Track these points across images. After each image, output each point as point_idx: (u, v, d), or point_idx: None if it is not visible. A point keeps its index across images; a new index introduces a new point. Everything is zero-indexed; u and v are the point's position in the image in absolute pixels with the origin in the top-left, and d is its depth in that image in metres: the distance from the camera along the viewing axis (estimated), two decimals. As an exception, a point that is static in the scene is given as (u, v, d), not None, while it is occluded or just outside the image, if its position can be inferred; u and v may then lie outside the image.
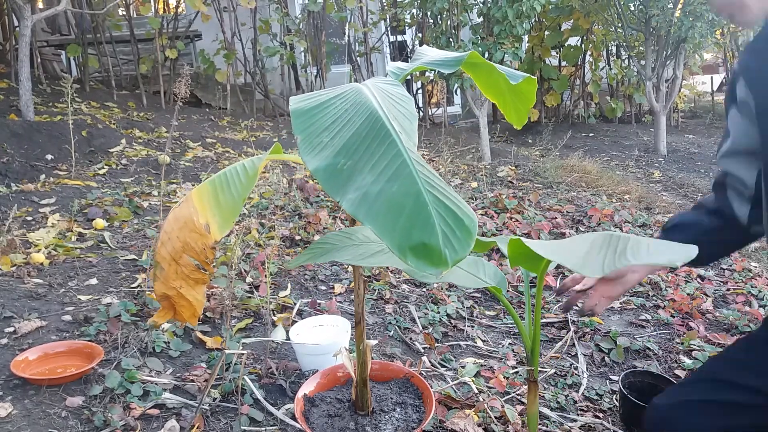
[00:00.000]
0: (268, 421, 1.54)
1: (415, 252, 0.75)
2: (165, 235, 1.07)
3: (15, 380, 1.58)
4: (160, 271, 1.08)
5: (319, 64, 6.81)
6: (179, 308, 1.12)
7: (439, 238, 0.75)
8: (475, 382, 1.76)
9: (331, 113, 0.93)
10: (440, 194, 0.80)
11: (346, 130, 0.88)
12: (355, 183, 0.80)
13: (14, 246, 2.34)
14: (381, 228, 0.76)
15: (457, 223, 0.78)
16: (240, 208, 1.04)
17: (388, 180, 0.80)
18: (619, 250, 0.83)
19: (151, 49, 6.52)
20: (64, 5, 4.54)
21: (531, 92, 1.30)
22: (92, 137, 4.23)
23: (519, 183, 4.46)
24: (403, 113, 0.93)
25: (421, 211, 0.77)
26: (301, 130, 0.89)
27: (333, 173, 0.82)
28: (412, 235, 0.76)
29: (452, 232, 0.77)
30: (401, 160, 0.82)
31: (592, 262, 0.82)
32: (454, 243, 0.76)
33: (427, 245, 0.75)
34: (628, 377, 1.71)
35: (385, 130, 0.87)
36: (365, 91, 0.99)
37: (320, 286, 2.43)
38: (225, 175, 1.09)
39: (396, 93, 0.98)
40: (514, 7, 4.85)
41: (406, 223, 0.77)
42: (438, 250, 0.75)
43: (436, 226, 0.76)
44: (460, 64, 1.14)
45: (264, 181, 3.72)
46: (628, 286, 1.24)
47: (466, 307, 2.43)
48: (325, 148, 0.85)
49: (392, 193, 0.78)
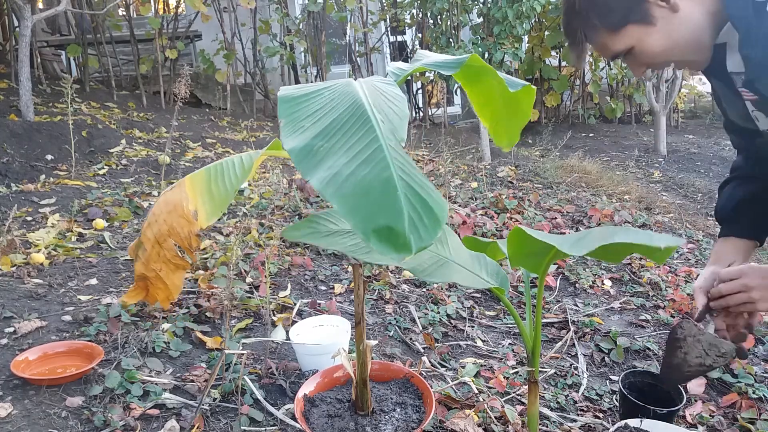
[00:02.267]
0: (268, 422, 1.54)
1: (378, 235, 0.75)
2: (153, 216, 1.07)
3: (15, 380, 1.58)
4: (142, 251, 1.08)
5: (319, 64, 6.81)
6: (154, 290, 1.12)
7: (405, 223, 0.75)
8: (475, 382, 1.76)
9: (318, 102, 0.94)
10: (412, 181, 0.80)
11: (328, 117, 0.89)
12: (328, 163, 0.80)
13: (14, 246, 2.34)
14: (346, 208, 0.76)
15: (426, 210, 0.77)
16: (231, 199, 1.04)
17: (361, 162, 0.80)
18: (609, 233, 0.89)
19: (151, 49, 6.52)
20: (64, 5, 4.54)
21: (528, 105, 1.25)
22: (92, 137, 4.23)
23: (519, 183, 4.46)
24: (394, 111, 0.93)
25: (389, 195, 0.77)
26: (285, 115, 0.90)
27: (308, 153, 0.82)
28: (378, 218, 0.76)
29: (420, 218, 0.76)
30: (377, 145, 0.82)
31: (583, 244, 0.86)
32: (420, 230, 0.75)
33: (392, 229, 0.75)
34: (628, 377, 1.71)
35: (365, 116, 0.87)
36: (355, 84, 1.00)
37: (320, 286, 2.43)
38: (221, 166, 1.09)
39: (390, 91, 0.98)
40: (514, 7, 4.85)
41: (373, 206, 0.76)
42: (403, 235, 0.74)
43: (404, 210, 0.76)
44: (461, 66, 1.13)
45: (264, 181, 3.72)
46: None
47: (466, 307, 2.43)
48: (306, 131, 0.86)
49: (363, 175, 0.78)
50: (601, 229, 0.96)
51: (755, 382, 1.91)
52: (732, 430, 1.70)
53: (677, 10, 0.98)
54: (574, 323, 2.35)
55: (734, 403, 1.81)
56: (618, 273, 2.89)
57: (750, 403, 1.79)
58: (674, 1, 0.98)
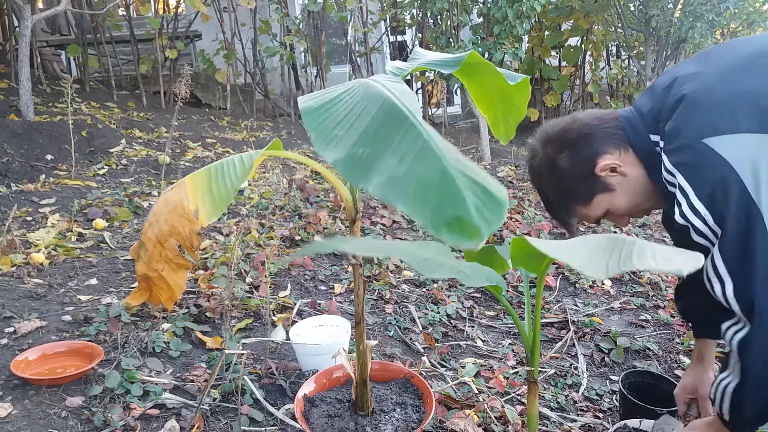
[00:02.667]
0: (268, 422, 1.54)
1: (449, 227, 0.75)
2: (153, 216, 1.07)
3: (15, 380, 1.58)
4: (144, 251, 1.08)
5: (319, 64, 6.81)
6: (157, 291, 1.12)
7: (472, 211, 0.75)
8: (475, 382, 1.76)
9: (341, 108, 0.93)
10: (467, 169, 0.80)
11: (361, 121, 0.88)
12: (379, 168, 0.80)
13: (14, 246, 2.34)
14: (412, 206, 0.76)
15: (487, 195, 0.78)
16: (231, 198, 1.04)
17: (412, 160, 0.80)
18: (624, 254, 0.82)
19: (151, 49, 6.52)
20: (64, 5, 4.54)
21: (523, 103, 1.32)
22: (92, 137, 4.23)
23: (519, 183, 4.46)
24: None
25: (450, 187, 0.77)
26: (313, 127, 0.89)
27: (354, 162, 0.82)
28: (445, 211, 0.76)
29: (483, 204, 0.77)
30: (422, 141, 0.82)
31: (596, 263, 0.81)
32: (486, 215, 0.76)
33: (460, 219, 0.75)
34: (628, 377, 1.71)
35: (402, 114, 0.87)
36: (374, 84, 0.99)
37: (320, 286, 2.43)
38: (221, 165, 1.09)
39: (398, 88, 0.98)
40: (514, 7, 4.85)
41: (436, 200, 0.77)
42: (472, 223, 0.75)
43: (467, 199, 0.76)
44: (460, 64, 1.14)
45: (264, 181, 3.72)
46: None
47: (466, 307, 2.43)
48: (342, 140, 0.86)
49: (418, 172, 0.78)
50: (610, 241, 0.89)
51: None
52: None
53: (626, 175, 1.19)
54: (574, 323, 2.35)
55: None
56: (618, 273, 2.88)
57: (750, 403, 1.79)
58: (621, 169, 1.19)
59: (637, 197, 1.22)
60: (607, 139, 1.20)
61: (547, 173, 1.26)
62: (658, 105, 1.14)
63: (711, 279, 1.04)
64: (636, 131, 1.18)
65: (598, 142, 1.20)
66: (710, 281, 1.05)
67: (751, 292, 0.99)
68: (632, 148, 1.19)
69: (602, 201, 1.23)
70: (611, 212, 1.26)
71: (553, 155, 1.24)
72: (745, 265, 0.98)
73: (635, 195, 1.22)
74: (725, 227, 1.00)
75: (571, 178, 1.23)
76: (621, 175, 1.19)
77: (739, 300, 1.01)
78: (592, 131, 1.21)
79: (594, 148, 1.20)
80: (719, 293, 1.03)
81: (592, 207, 1.24)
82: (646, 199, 1.22)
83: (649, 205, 1.25)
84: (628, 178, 1.19)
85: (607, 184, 1.21)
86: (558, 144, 1.24)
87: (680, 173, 1.04)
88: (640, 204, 1.24)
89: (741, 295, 1.00)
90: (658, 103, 1.14)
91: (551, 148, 1.25)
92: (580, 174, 1.21)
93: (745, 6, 6.14)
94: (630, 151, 1.19)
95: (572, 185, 1.24)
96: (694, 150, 1.02)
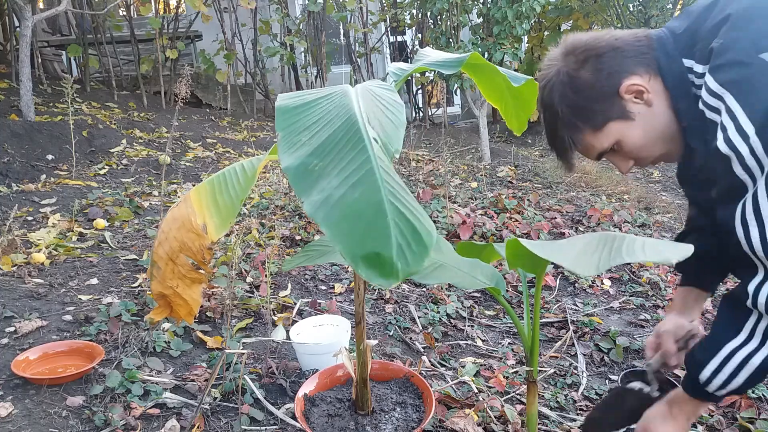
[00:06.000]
0: (268, 421, 1.55)
1: (366, 261, 0.74)
2: (162, 234, 1.07)
3: (16, 380, 1.59)
4: (157, 270, 1.09)
5: (319, 64, 6.82)
6: (176, 307, 1.13)
7: (393, 250, 0.73)
8: (475, 382, 1.77)
9: (315, 113, 0.92)
10: (402, 206, 0.78)
11: (325, 131, 0.87)
12: (320, 185, 0.79)
13: (15, 246, 2.35)
14: (335, 232, 0.75)
15: (415, 236, 0.76)
16: (238, 209, 1.04)
17: (352, 185, 0.78)
18: (615, 248, 0.82)
19: (151, 49, 6.52)
20: (64, 5, 4.54)
21: (532, 98, 1.27)
22: (93, 137, 4.24)
23: (519, 183, 4.47)
24: (390, 119, 0.91)
25: (379, 221, 0.75)
26: (282, 128, 0.88)
27: (303, 173, 0.80)
28: (366, 244, 0.74)
29: (408, 245, 0.75)
30: (368, 167, 0.80)
31: (585, 261, 0.82)
32: (408, 256, 0.74)
33: (380, 255, 0.74)
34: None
35: (359, 135, 0.85)
36: (351, 94, 0.97)
37: (320, 286, 2.43)
38: (224, 176, 1.09)
39: (388, 98, 0.97)
40: (513, 7, 4.85)
41: (361, 231, 0.75)
42: (391, 262, 0.73)
43: (392, 237, 0.74)
44: (462, 65, 1.14)
45: (264, 181, 3.72)
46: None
47: (466, 306, 2.43)
48: (303, 146, 0.84)
49: (353, 199, 0.77)
50: (602, 238, 0.90)
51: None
52: (731, 429, 1.70)
53: (651, 105, 1.05)
54: (573, 323, 2.35)
55: (733, 403, 1.81)
56: (617, 273, 2.89)
57: (749, 402, 1.80)
58: (647, 96, 1.05)
59: (654, 134, 1.08)
60: (639, 57, 1.05)
61: (563, 86, 1.10)
62: (694, 25, 1.01)
63: (748, 221, 0.91)
64: (668, 54, 1.03)
65: (628, 59, 1.05)
66: (746, 224, 0.91)
67: None
68: (661, 75, 1.04)
69: (615, 129, 1.08)
70: (619, 147, 1.11)
71: (576, 66, 1.08)
72: None
73: (653, 131, 1.07)
74: None
75: (590, 94, 1.08)
76: (646, 103, 1.05)
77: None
78: (624, 46, 1.06)
79: (623, 64, 1.05)
80: (756, 238, 0.90)
81: (602, 134, 1.09)
82: (663, 140, 1.09)
83: (663, 150, 1.11)
84: (652, 110, 1.06)
85: (627, 109, 1.06)
86: (583, 54, 1.08)
87: (730, 92, 0.91)
88: (654, 145, 1.09)
89: None
90: (694, 24, 1.01)
91: (574, 58, 1.09)
92: (601, 91, 1.07)
93: (744, 6, 6.14)
94: (659, 79, 1.05)
95: (589, 103, 1.08)
96: (749, 66, 0.90)
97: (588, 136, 1.11)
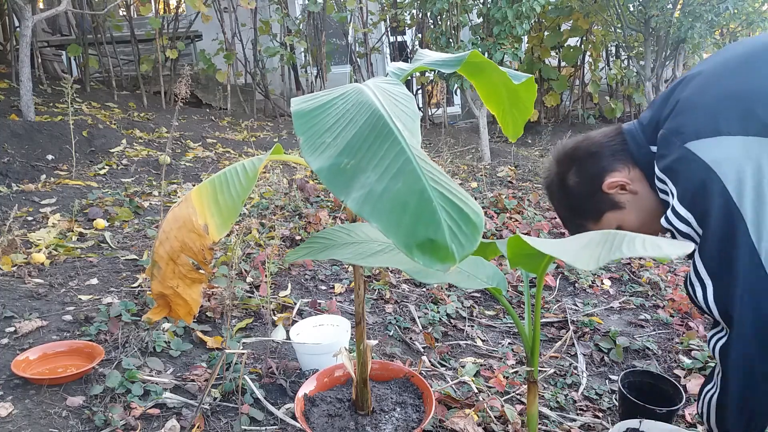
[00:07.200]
0: (268, 421, 1.55)
1: (421, 248, 0.75)
2: (163, 234, 1.07)
3: (16, 380, 1.59)
4: (157, 270, 1.08)
5: (319, 64, 6.82)
6: (175, 306, 1.13)
7: (446, 234, 0.75)
8: (475, 382, 1.77)
9: (333, 114, 0.93)
10: (445, 190, 0.79)
11: (349, 130, 0.88)
12: (359, 181, 0.80)
13: (15, 246, 2.35)
14: (386, 225, 0.76)
15: (463, 218, 0.77)
16: (239, 209, 1.04)
17: (392, 177, 0.79)
18: (615, 244, 0.83)
19: (151, 49, 6.52)
20: (64, 6, 4.55)
21: (530, 100, 1.31)
22: (93, 137, 4.24)
23: (519, 183, 4.47)
24: (405, 112, 0.93)
25: (426, 208, 0.77)
26: (303, 131, 0.89)
27: (336, 173, 0.81)
28: (418, 232, 0.76)
29: (458, 227, 0.76)
30: (405, 158, 0.82)
31: (585, 256, 0.83)
32: (460, 238, 0.75)
33: (433, 241, 0.75)
34: (627, 377, 1.71)
35: (387, 128, 0.86)
36: (367, 90, 0.98)
37: (320, 286, 2.43)
38: (225, 176, 1.09)
39: (397, 92, 0.98)
40: (513, 7, 4.85)
41: (411, 220, 0.76)
42: (445, 246, 0.74)
43: (442, 221, 0.76)
44: (461, 63, 1.14)
45: (264, 181, 3.72)
46: None
47: (466, 306, 2.43)
48: (328, 148, 0.85)
49: (397, 190, 0.78)
50: (603, 235, 0.89)
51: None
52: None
53: (637, 192, 1.19)
54: (573, 323, 2.35)
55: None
56: (617, 272, 2.89)
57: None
58: (630, 186, 1.18)
59: (647, 214, 1.21)
60: (615, 155, 1.20)
61: (558, 191, 1.29)
62: (657, 115, 1.14)
63: (693, 282, 1.04)
64: (638, 144, 1.18)
65: (605, 159, 1.20)
66: (692, 285, 1.04)
67: (730, 296, 0.97)
68: (637, 164, 1.18)
69: (612, 218, 1.23)
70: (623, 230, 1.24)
71: (563, 173, 1.26)
72: (725, 267, 0.97)
73: (645, 212, 1.21)
74: (706, 229, 0.99)
75: (579, 195, 1.24)
76: (631, 192, 1.19)
77: (718, 305, 1.00)
78: (600, 149, 1.22)
79: (601, 165, 1.20)
80: (700, 298, 1.03)
81: (603, 223, 1.24)
82: (658, 217, 1.18)
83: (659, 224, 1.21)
84: (638, 196, 1.19)
85: (616, 201, 1.21)
86: (567, 162, 1.26)
87: (669, 178, 1.05)
88: (651, 222, 1.21)
89: (720, 299, 0.99)
90: (657, 113, 1.14)
91: (561, 166, 1.27)
92: (588, 191, 1.22)
93: (744, 6, 6.15)
94: (637, 168, 1.18)
95: (581, 203, 1.25)
96: (677, 155, 1.03)
97: (592, 225, 1.27)
